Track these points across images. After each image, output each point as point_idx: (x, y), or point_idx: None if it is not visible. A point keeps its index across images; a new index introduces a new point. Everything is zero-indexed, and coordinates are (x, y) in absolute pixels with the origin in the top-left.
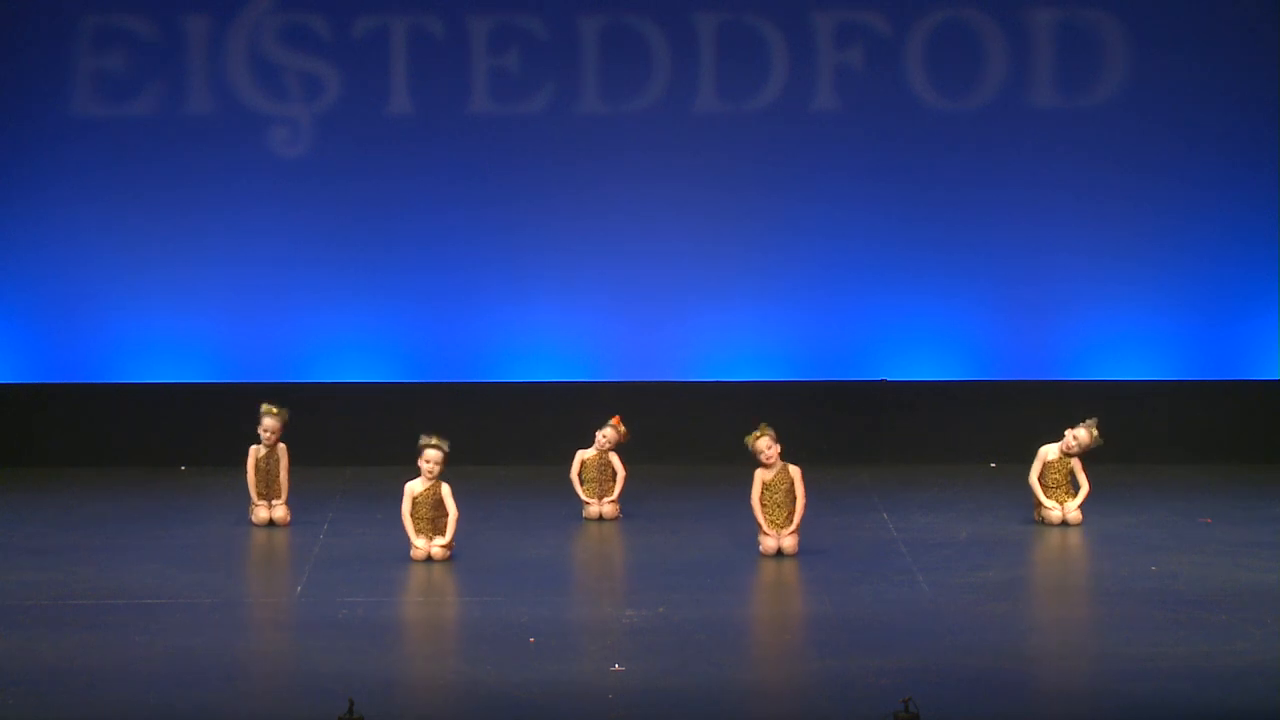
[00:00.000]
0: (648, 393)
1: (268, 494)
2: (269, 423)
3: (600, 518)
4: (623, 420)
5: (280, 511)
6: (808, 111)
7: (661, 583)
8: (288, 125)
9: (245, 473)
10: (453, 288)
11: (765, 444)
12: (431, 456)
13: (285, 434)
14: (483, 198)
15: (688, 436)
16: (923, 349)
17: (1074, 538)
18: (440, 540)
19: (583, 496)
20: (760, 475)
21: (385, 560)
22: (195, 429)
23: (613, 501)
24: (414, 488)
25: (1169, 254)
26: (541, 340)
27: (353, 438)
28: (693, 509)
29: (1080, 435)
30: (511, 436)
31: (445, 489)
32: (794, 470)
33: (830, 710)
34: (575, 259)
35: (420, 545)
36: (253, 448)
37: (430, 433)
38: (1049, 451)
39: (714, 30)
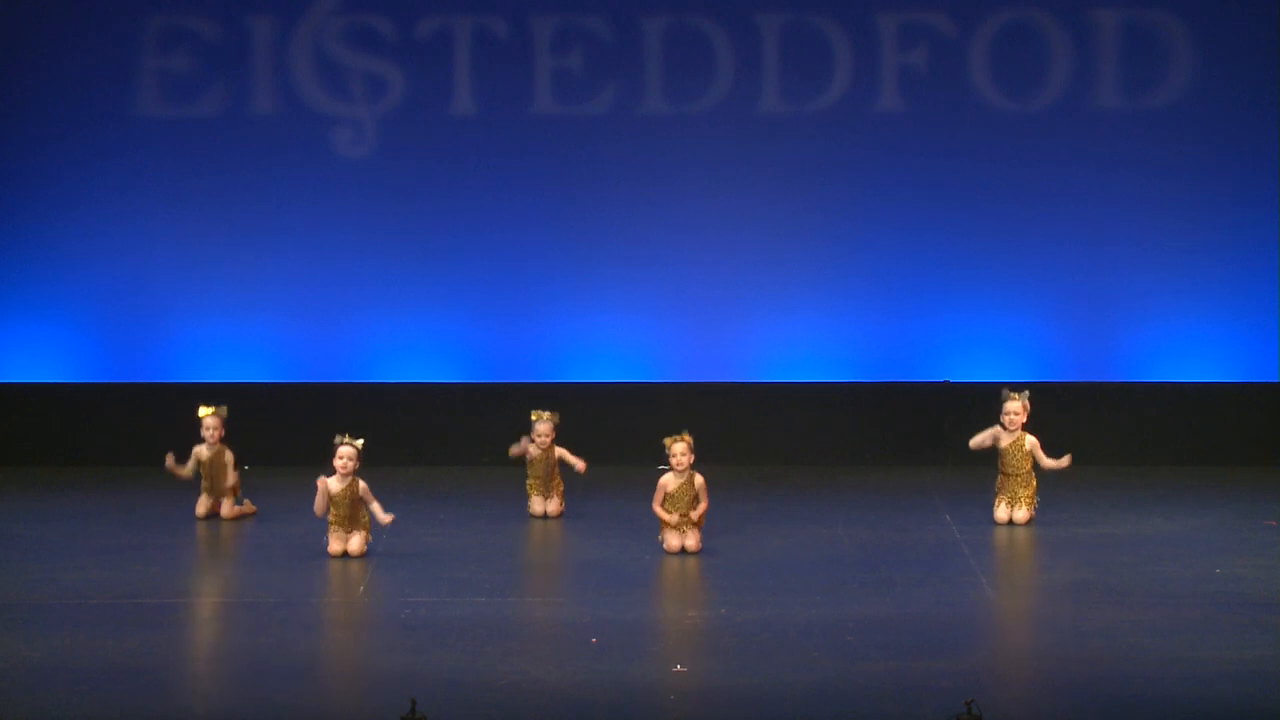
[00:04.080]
0: (711, 394)
1: (213, 490)
2: (210, 422)
3: (545, 515)
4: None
5: (226, 508)
6: (872, 112)
7: (724, 584)
8: (351, 126)
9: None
10: (515, 286)
11: (681, 449)
12: (344, 454)
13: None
14: (545, 197)
15: (751, 438)
16: (986, 350)
17: (1137, 540)
18: (359, 536)
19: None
20: (665, 482)
21: (448, 560)
22: (259, 429)
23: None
24: (331, 485)
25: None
26: (603, 340)
27: (415, 438)
28: (756, 511)
29: (1014, 407)
30: (577, 438)
31: (362, 486)
32: (699, 480)
33: (893, 711)
34: (637, 257)
35: (337, 543)
36: (196, 448)
37: (343, 432)
38: (1001, 437)
39: (777, 31)
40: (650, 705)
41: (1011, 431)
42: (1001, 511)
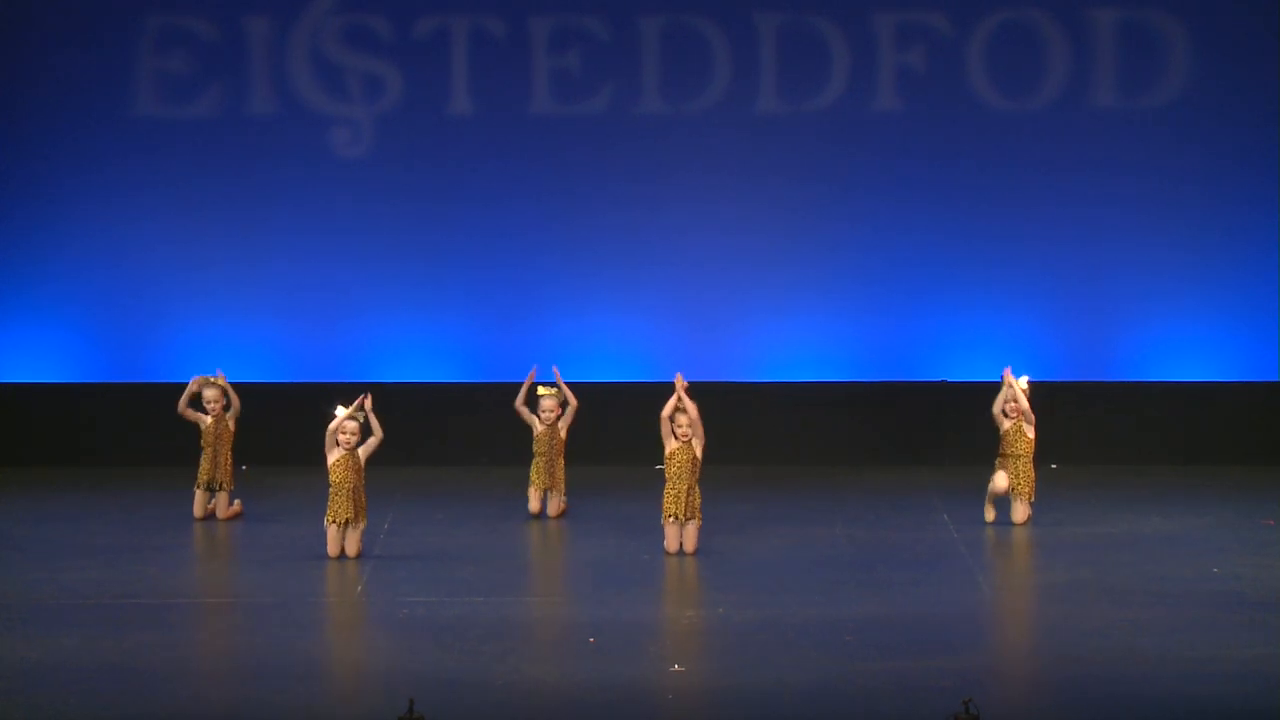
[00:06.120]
0: (710, 394)
1: (212, 477)
2: (210, 394)
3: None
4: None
5: (223, 505)
6: (869, 112)
7: (724, 584)
8: (349, 126)
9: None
10: (512, 286)
11: (684, 421)
12: (349, 428)
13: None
14: (543, 197)
15: (750, 438)
16: (985, 350)
17: (1135, 539)
18: (359, 527)
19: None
20: (669, 439)
21: (446, 560)
22: (256, 429)
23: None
24: (332, 455)
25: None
26: (602, 339)
27: (413, 438)
28: (755, 511)
29: (1017, 394)
30: (577, 438)
31: (361, 452)
32: (698, 451)
33: (891, 711)
34: (635, 256)
35: (334, 545)
36: (204, 416)
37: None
38: (1002, 422)
39: (775, 30)
40: (649, 705)
41: (1012, 418)
42: (1000, 480)
